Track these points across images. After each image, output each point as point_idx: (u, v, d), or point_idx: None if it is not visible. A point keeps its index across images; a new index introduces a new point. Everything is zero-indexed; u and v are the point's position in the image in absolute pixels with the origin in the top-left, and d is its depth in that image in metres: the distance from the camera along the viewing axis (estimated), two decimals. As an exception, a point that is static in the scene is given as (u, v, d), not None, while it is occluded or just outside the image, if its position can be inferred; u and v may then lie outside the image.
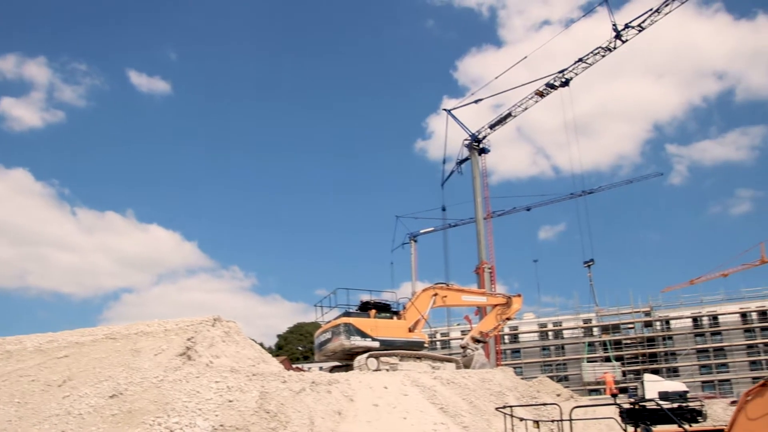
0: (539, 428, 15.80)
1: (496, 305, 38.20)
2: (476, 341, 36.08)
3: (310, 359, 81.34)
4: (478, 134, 66.44)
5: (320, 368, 38.33)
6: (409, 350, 30.49)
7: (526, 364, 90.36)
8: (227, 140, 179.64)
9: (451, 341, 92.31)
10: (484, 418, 22.02)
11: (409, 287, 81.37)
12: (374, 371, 27.01)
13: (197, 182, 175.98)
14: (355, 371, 26.77)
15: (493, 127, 66.36)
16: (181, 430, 13.63)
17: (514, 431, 15.46)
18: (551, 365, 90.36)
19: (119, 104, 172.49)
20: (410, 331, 31.65)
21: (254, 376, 17.31)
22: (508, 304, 37.83)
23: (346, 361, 30.51)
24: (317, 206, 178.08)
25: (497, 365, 50.36)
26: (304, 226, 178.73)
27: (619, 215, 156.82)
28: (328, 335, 30.43)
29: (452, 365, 31.66)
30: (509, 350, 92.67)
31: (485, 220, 66.06)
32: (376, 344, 29.52)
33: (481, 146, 66.96)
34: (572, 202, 76.39)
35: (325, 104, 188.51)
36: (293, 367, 37.22)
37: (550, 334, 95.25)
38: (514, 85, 65.91)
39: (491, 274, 62.51)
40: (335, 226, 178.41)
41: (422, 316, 32.56)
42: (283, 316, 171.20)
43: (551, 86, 60.54)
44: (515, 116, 65.58)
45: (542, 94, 61.48)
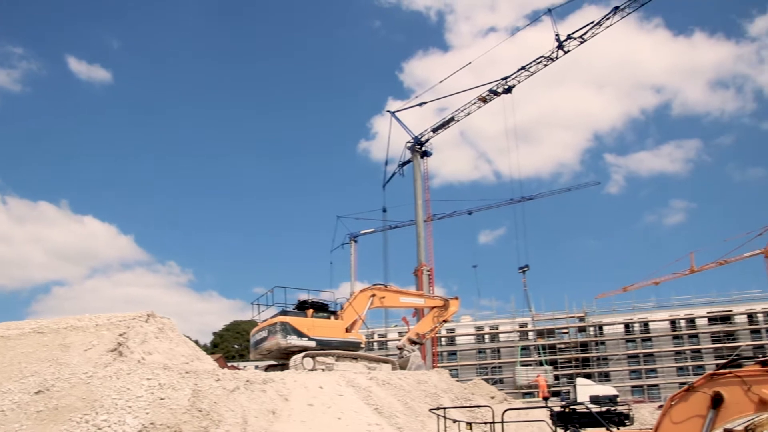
0: (472, 430, 15.95)
1: (433, 307, 38.44)
2: (413, 343, 36.24)
3: (246, 358, 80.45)
4: (420, 137, 66.76)
5: (256, 367, 37.97)
6: (345, 350, 30.43)
7: (462, 366, 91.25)
8: (168, 134, 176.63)
9: (388, 342, 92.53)
10: (418, 419, 22.13)
11: (348, 287, 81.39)
12: (310, 371, 26.87)
13: (135, 175, 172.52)
14: (290, 371, 26.60)
15: (436, 130, 66.79)
16: (109, 427, 13.34)
17: (446, 433, 15.58)
18: (487, 368, 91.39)
19: (57, 91, 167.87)
20: (347, 331, 31.60)
21: (187, 373, 17.06)
22: (445, 306, 38.11)
23: (282, 360, 30.27)
24: (257, 203, 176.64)
25: (433, 367, 50.71)
26: (243, 223, 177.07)
27: (557, 222, 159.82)
28: (264, 334, 30.16)
29: (388, 366, 31.71)
30: (446, 352, 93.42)
31: (425, 222, 66.42)
32: (312, 344, 29.38)
33: (423, 149, 67.28)
34: (512, 207, 77.59)
35: (269, 101, 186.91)
36: (228, 365, 36.82)
37: (486, 337, 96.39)
38: (458, 89, 66.42)
39: (430, 276, 62.88)
40: (275, 224, 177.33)
41: (359, 316, 32.56)
42: (219, 313, 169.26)
43: (494, 92, 61.22)
44: (458, 121, 66.12)
45: (485, 100, 62.11)
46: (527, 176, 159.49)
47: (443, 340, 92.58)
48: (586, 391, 33.96)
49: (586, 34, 55.52)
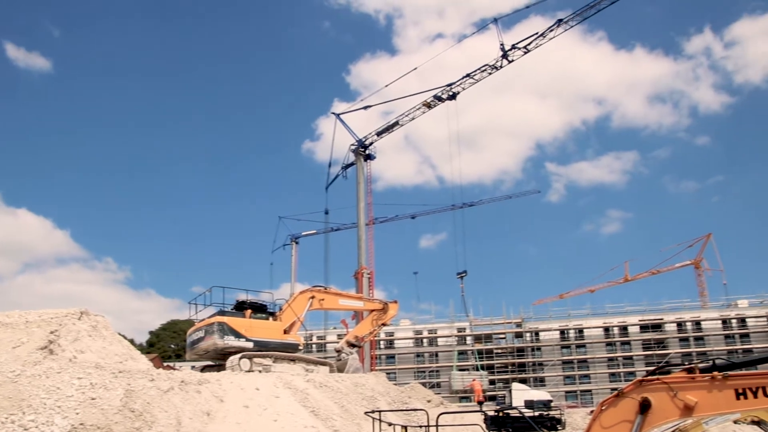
0: (407, 433, 16.03)
1: (372, 310, 38.49)
2: (351, 345, 36.22)
3: (182, 358, 79.25)
4: (364, 140, 66.88)
5: (192, 367, 37.44)
6: (283, 352, 30.25)
7: (400, 369, 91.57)
8: (108, 129, 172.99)
9: (327, 344, 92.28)
10: (355, 422, 22.13)
11: (288, 288, 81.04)
12: (247, 372, 26.60)
13: (73, 168, 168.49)
14: (227, 371, 26.29)
15: (380, 134, 67.02)
16: (36, 428, 12.95)
17: (382, 436, 15.61)
18: (425, 372, 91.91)
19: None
20: (285, 332, 31.42)
21: (120, 373, 16.71)
22: (384, 309, 38.21)
23: (218, 360, 29.92)
24: (198, 201, 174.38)
25: (371, 370, 50.75)
26: (184, 220, 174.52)
27: (498, 228, 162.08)
28: (201, 334, 29.74)
29: (326, 368, 31.63)
30: (384, 355, 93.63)
31: (367, 225, 66.58)
32: (250, 345, 29.12)
33: (367, 152, 67.44)
34: (454, 213, 78.38)
35: (213, 98, 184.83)
36: (164, 365, 36.19)
37: (424, 341, 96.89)
38: (404, 94, 66.90)
39: (370, 279, 63.02)
40: (216, 222, 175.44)
41: (298, 318, 32.41)
42: (156, 312, 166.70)
43: (439, 98, 61.76)
44: (403, 125, 66.55)
45: (429, 105, 62.62)
46: (470, 182, 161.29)
47: (382, 343, 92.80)
48: (521, 395, 34.62)
49: (530, 44, 56.51)
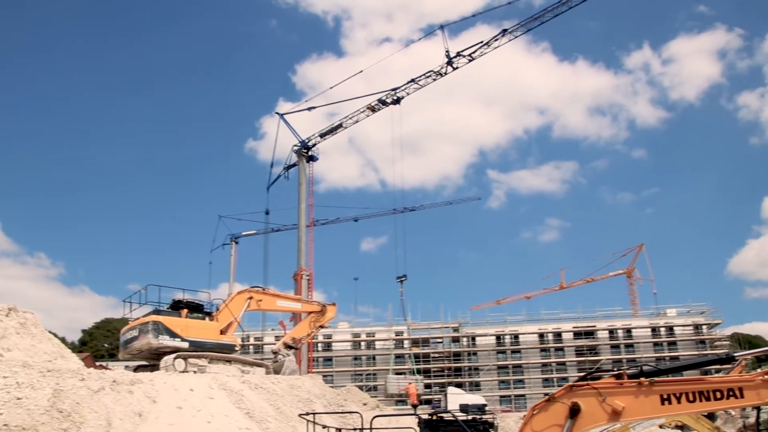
0: (341, 436, 16.02)
1: (310, 312, 38.36)
2: (288, 347, 35.99)
3: (116, 357, 77.54)
4: (308, 141, 66.61)
5: (125, 367, 36.65)
6: (219, 353, 29.89)
7: (337, 372, 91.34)
8: (43, 121, 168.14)
9: (264, 346, 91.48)
10: (290, 424, 22.03)
11: (226, 288, 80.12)
12: (181, 373, 26.18)
13: (5, 159, 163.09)
14: (160, 372, 25.83)
15: (323, 135, 66.87)
16: (-42, 428, 12.54)
17: (316, 438, 15.56)
18: (362, 375, 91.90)
19: None
20: (222, 333, 31.05)
21: (49, 372, 16.27)
22: (322, 312, 38.11)
23: (152, 360, 29.37)
24: (137, 197, 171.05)
25: (308, 372, 50.58)
26: (122, 216, 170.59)
27: (438, 233, 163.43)
28: (135, 333, 29.15)
29: (262, 370, 31.40)
30: (322, 358, 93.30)
31: (308, 227, 66.34)
32: (185, 345, 28.69)
33: (310, 153, 67.20)
34: (395, 217, 78.70)
35: (156, 91, 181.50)
36: (96, 364, 35.30)
37: (362, 344, 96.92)
38: (349, 96, 66.96)
39: (309, 281, 62.81)
40: (155, 219, 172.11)
41: (235, 318, 32.06)
42: (90, 309, 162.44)
43: (383, 102, 61.96)
44: (346, 128, 66.58)
45: (374, 109, 62.77)
46: (412, 187, 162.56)
47: (320, 345, 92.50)
48: (456, 399, 34.85)
49: (475, 53, 57.24)
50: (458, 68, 58.46)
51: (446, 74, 58.90)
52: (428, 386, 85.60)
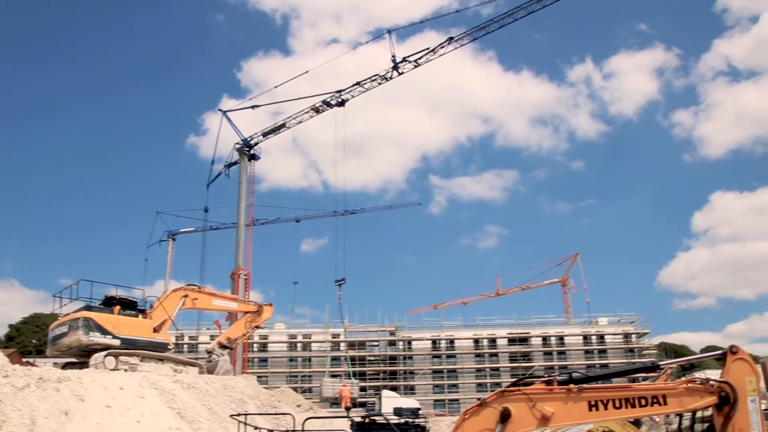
0: (274, 437, 15.91)
1: (247, 312, 38.01)
2: (223, 347, 35.61)
3: (44, 354, 75.45)
4: (250, 140, 65.93)
5: (54, 364, 35.72)
6: (151, 351, 29.34)
7: (272, 373, 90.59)
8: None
9: (198, 345, 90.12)
10: (222, 425, 21.79)
11: (162, 286, 78.80)
12: (111, 371, 25.62)
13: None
14: (90, 369, 25.22)
15: (266, 134, 66.30)
16: None
17: (248, 439, 15.41)
18: (297, 376, 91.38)
19: None
20: (155, 331, 30.49)
21: (-29, 368, 15.74)
22: (259, 312, 37.82)
23: (82, 358, 28.65)
24: (71, 188, 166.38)
25: (243, 372, 50.07)
26: (54, 208, 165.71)
27: (379, 236, 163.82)
28: (64, 329, 28.38)
29: (195, 369, 30.95)
30: (257, 358, 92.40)
31: (247, 226, 65.67)
32: (116, 342, 28.08)
33: (252, 152, 66.53)
34: (336, 219, 78.63)
35: (95, 82, 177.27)
36: (23, 361, 34.22)
37: (299, 345, 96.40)
38: (294, 96, 66.64)
39: (246, 281, 62.13)
40: (89, 212, 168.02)
41: (169, 316, 31.55)
42: (18, 304, 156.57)
43: (327, 104, 61.81)
44: (290, 127, 66.16)
45: (318, 110, 62.56)
46: (354, 189, 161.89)
47: (255, 346, 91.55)
48: (390, 403, 34.99)
49: (420, 59, 57.58)
50: (404, 73, 58.79)
51: (392, 79, 59.12)
52: (363, 389, 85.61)
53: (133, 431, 17.96)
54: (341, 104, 61.45)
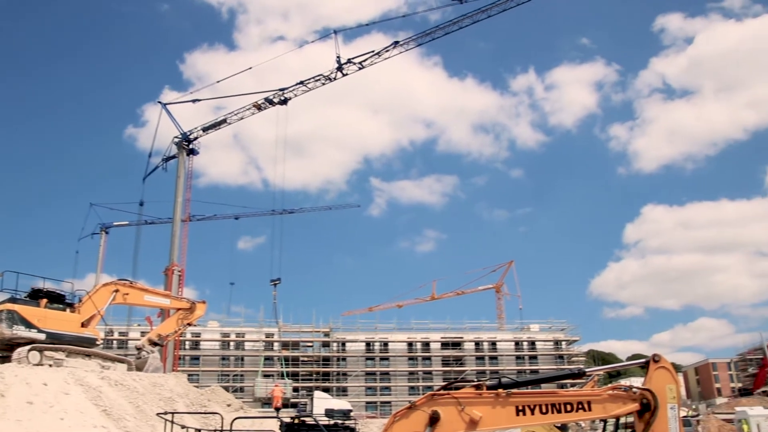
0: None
1: (179, 309, 37.40)
2: (153, 344, 34.95)
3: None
4: (189, 134, 64.97)
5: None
6: (78, 346, 28.58)
7: (204, 372, 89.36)
8: None
9: (128, 341, 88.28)
10: (149, 423, 21.37)
11: (93, 279, 77.10)
12: (35, 366, 24.86)
13: None
14: (12, 364, 24.42)
15: (206, 129, 65.45)
16: None
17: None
18: (229, 375, 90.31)
19: None
20: (83, 326, 29.71)
21: None
22: (191, 309, 37.23)
23: (5, 351, 27.68)
24: (0, 177, 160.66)
25: (173, 370, 49.25)
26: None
27: (317, 237, 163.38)
28: (-14, 322, 27.41)
29: (124, 366, 30.28)
30: (189, 356, 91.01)
31: (183, 222, 64.68)
32: (41, 336, 27.25)
33: (191, 146, 65.57)
34: (274, 218, 78.19)
35: (32, 68, 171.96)
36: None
37: (231, 344, 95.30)
38: (238, 91, 66.06)
39: (180, 277, 61.17)
40: (19, 202, 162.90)
41: (99, 311, 30.79)
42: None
43: (270, 102, 61.40)
44: (230, 123, 65.42)
45: (260, 107, 62.09)
46: (294, 189, 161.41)
47: (187, 343, 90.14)
48: (322, 404, 34.81)
49: (365, 61, 57.66)
50: (348, 75, 58.81)
51: (336, 79, 59.06)
52: (296, 390, 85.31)
53: (55, 429, 17.46)
54: (284, 102, 61.10)
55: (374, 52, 57.41)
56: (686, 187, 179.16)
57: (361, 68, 58.22)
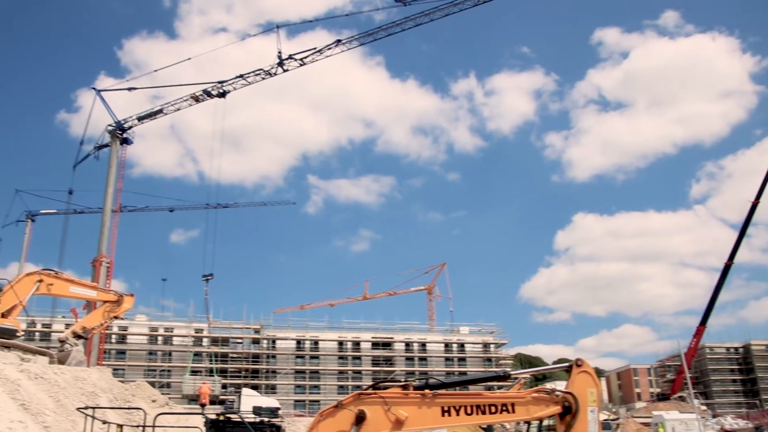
0: (123, 433, 15.35)
1: (106, 302, 36.50)
2: (77, 336, 34.03)
3: None
4: (124, 122, 63.59)
5: None
6: (-3, 337, 27.63)
7: (130, 366, 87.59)
8: None
9: (52, 333, 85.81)
10: (70, 418, 20.77)
11: (17, 269, 74.82)
12: (-50, 357, 23.97)
13: None
14: (-76, 355, 23.49)
15: (142, 119, 64.19)
16: None
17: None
18: (156, 371, 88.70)
19: None
20: (3, 316, 28.73)
21: None
22: (119, 302, 36.35)
23: None
24: None
25: (98, 364, 48.13)
26: None
27: (252, 232, 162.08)
28: None
29: (45, 359, 29.40)
30: (114, 350, 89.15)
31: (114, 212, 63.30)
32: (-43, 326, 26.28)
33: (125, 135, 64.20)
34: (208, 212, 77.20)
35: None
36: None
37: (159, 339, 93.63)
38: (177, 81, 65.06)
39: (108, 269, 59.80)
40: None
41: (21, 301, 29.80)
42: None
43: (208, 94, 60.72)
44: (167, 114, 64.42)
45: (198, 99, 61.32)
46: (230, 183, 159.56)
47: (113, 337, 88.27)
48: (250, 401, 34.48)
49: (306, 58, 57.52)
50: (289, 70, 58.61)
51: (276, 75, 58.85)
52: (225, 387, 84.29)
53: (-32, 422, 16.84)
54: (222, 95, 60.52)
55: (316, 49, 57.37)
56: (616, 197, 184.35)
57: (302, 65, 58.08)
